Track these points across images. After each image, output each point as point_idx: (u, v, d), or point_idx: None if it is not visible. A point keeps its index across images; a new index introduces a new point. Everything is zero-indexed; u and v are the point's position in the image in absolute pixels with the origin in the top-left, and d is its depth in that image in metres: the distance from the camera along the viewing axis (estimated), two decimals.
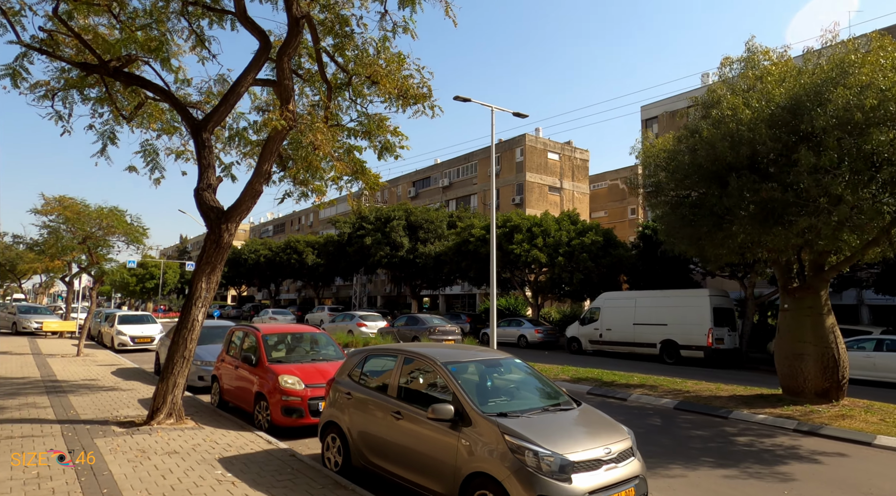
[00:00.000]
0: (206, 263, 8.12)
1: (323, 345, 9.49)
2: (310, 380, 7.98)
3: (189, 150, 10.94)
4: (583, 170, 46.87)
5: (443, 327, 20.77)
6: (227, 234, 8.14)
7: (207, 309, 8.27)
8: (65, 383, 11.43)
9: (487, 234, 27.75)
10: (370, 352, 6.29)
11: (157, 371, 13.89)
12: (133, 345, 20.01)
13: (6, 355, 16.67)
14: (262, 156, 8.13)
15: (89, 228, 17.07)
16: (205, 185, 8.32)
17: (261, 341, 8.77)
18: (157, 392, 7.87)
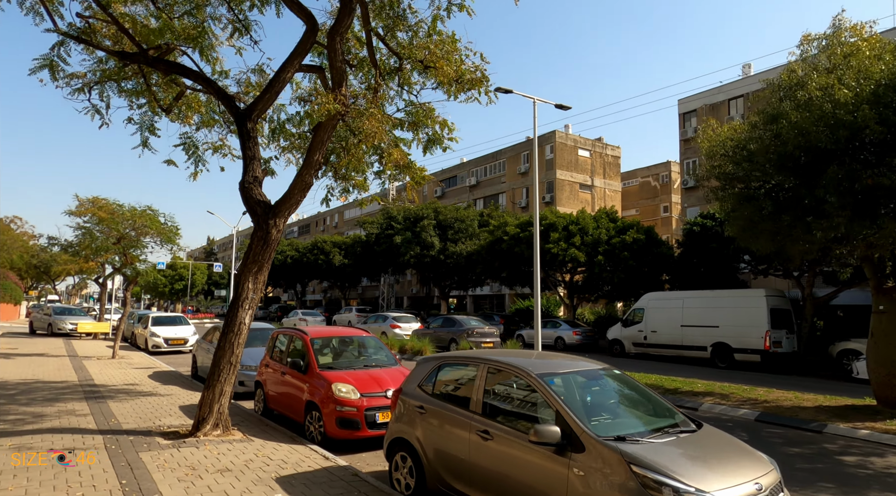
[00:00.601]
0: (253, 262, 7.54)
1: (373, 350, 8.84)
2: (365, 389, 7.33)
3: (227, 145, 10.46)
4: (614, 167, 45.64)
5: (481, 329, 20.03)
6: (275, 231, 7.55)
7: (255, 311, 7.69)
8: (103, 388, 11.03)
9: (522, 233, 26.96)
10: (443, 361, 5.58)
11: (194, 374, 13.48)
12: (167, 347, 19.76)
13: (43, 357, 16.50)
14: (313, 145, 7.52)
15: (123, 229, 16.82)
16: (251, 178, 7.75)
17: (309, 346, 8.16)
18: (203, 401, 7.31)
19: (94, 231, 20.27)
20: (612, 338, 22.67)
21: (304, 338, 8.38)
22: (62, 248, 24.48)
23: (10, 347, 19.32)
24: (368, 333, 9.20)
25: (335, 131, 10.46)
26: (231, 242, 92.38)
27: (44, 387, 10.99)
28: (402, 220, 34.00)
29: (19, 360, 15.42)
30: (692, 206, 32.17)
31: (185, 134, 9.80)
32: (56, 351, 18.67)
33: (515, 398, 4.79)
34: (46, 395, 9.97)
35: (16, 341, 22.03)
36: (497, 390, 4.93)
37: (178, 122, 9.80)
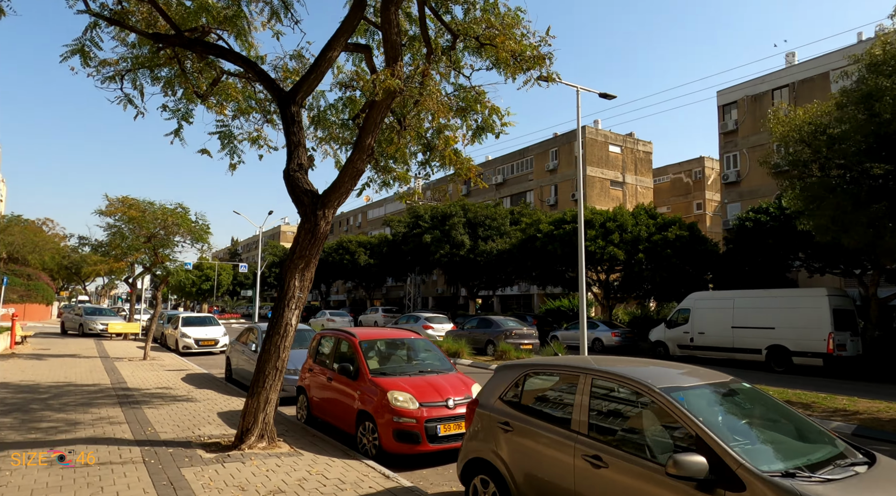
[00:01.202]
0: (300, 257, 6.87)
1: (427, 354, 8.11)
2: (424, 398, 6.60)
3: (263, 136, 9.88)
4: (646, 163, 44.29)
5: (519, 330, 19.19)
6: (323, 222, 6.87)
7: (301, 310, 7.03)
8: (136, 392, 10.53)
9: (556, 230, 26.04)
10: (530, 370, 4.80)
11: (228, 377, 12.95)
12: (197, 347, 19.39)
13: (75, 358, 16.21)
14: (365, 127, 6.82)
15: (153, 228, 16.45)
16: (296, 166, 7.09)
17: (358, 349, 7.47)
18: (247, 409, 6.66)
19: (124, 230, 20.06)
20: (655, 339, 21.60)
21: (352, 341, 7.69)
22: (92, 247, 24.39)
23: (42, 348, 19.16)
24: (419, 335, 8.47)
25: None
26: (255, 243, 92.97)
27: (77, 390, 10.54)
28: (429, 218, 33.32)
29: (52, 361, 15.13)
30: (733, 202, 30.82)
31: (220, 121, 9.25)
32: (88, 352, 18.42)
33: (631, 416, 3.99)
34: (80, 400, 9.49)
35: (48, 342, 21.95)
36: (605, 406, 4.13)
37: (213, 109, 9.24)
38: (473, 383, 7.25)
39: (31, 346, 19.43)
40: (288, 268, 6.91)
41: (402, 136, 10.64)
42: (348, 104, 9.77)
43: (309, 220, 6.85)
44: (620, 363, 4.51)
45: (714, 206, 47.31)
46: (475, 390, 7.09)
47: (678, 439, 3.56)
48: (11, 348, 18.38)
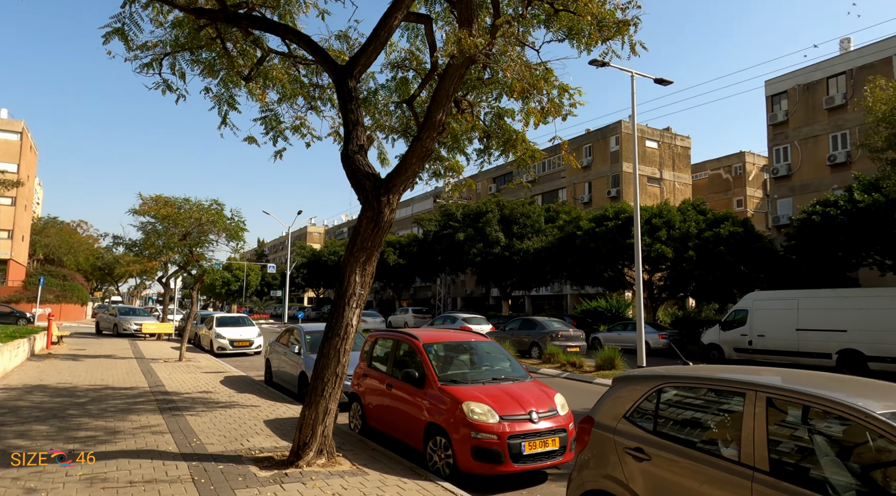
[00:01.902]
0: (361, 249, 6.09)
1: (497, 359, 7.25)
2: (505, 411, 5.75)
3: (307, 124, 9.19)
4: (684, 158, 42.67)
5: (565, 332, 18.18)
6: (387, 210, 6.08)
7: (363, 309, 6.26)
8: (176, 396, 9.93)
9: (598, 228, 24.94)
10: (666, 382, 3.88)
11: (268, 380, 12.31)
12: (232, 348, 18.92)
13: (111, 359, 15.84)
14: (435, 100, 6.00)
15: (188, 225, 15.99)
16: (355, 147, 6.32)
17: (423, 353, 6.65)
18: (304, 421, 5.90)
19: (158, 229, 19.75)
20: (708, 342, 20.31)
21: (416, 344, 6.88)
22: (126, 247, 24.27)
23: (78, 348, 18.94)
24: (484, 337, 7.61)
25: (417, 103, 9.02)
26: (281, 244, 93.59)
27: (115, 394, 9.99)
28: (461, 216, 32.49)
29: (88, 362, 14.77)
30: (783, 197, 29.21)
31: (265, 107, 8.60)
32: (123, 352, 18.10)
33: (831, 450, 3.05)
34: (119, 405, 8.91)
35: (83, 342, 21.81)
36: (788, 433, 3.21)
37: (256, 94, 8.59)
38: (556, 393, 6.37)
39: (67, 347, 19.23)
40: (347, 263, 6.14)
41: (460, 120, 9.83)
42: (400, 87, 9.03)
43: (371, 207, 6.06)
44: (797, 378, 3.57)
45: (756, 202, 45.37)
46: (559, 402, 6.21)
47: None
48: (48, 348, 18.18)
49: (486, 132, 9.58)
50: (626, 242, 23.23)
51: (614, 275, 27.65)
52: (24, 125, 45.11)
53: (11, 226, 43.58)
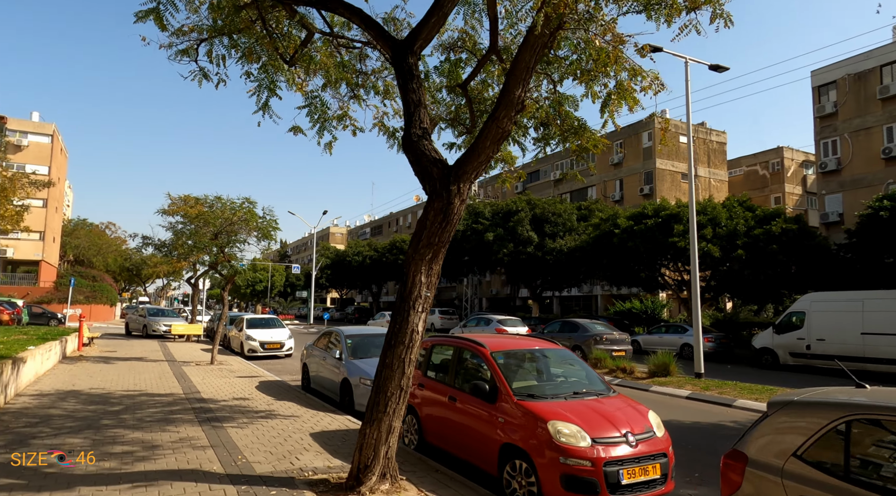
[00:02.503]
0: (427, 246, 5.37)
1: (570, 369, 6.48)
2: (596, 432, 4.97)
3: (350, 116, 8.57)
4: (720, 154, 41.21)
5: (610, 335, 17.24)
6: (458, 200, 5.35)
7: (428, 313, 5.54)
8: (213, 404, 9.36)
9: (636, 226, 23.91)
10: (857, 414, 3.01)
11: (305, 386, 11.71)
12: (262, 351, 18.44)
13: (142, 362, 15.46)
14: (514, 75, 5.24)
15: (220, 224, 15.53)
16: (419, 131, 5.61)
17: (493, 363, 5.91)
18: (365, 440, 5.20)
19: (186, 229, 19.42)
20: (760, 346, 19.16)
21: (482, 352, 6.14)
22: (156, 247, 24.04)
23: (109, 350, 18.68)
24: (556, 345, 6.83)
25: (470, 89, 8.32)
26: (304, 245, 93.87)
27: (150, 401, 9.47)
28: (489, 215, 31.68)
29: (120, 366, 14.39)
30: (832, 193, 27.73)
31: (308, 95, 7.97)
32: (153, 354, 17.76)
33: None
34: (155, 414, 8.36)
35: (114, 343, 21.62)
36: None
37: (298, 79, 7.97)
38: (649, 411, 5.57)
39: (98, 348, 19.00)
40: (411, 260, 5.42)
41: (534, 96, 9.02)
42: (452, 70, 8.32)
43: (440, 198, 5.34)
44: None
45: (795, 199, 43.61)
46: (654, 421, 5.41)
47: None
48: (79, 350, 17.95)
49: (543, 121, 8.83)
50: (668, 241, 22.18)
51: (651, 275, 26.56)
52: (55, 128, 45.74)
53: (43, 227, 44.19)
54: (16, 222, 20.66)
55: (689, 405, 10.97)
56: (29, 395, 9.53)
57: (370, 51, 8.59)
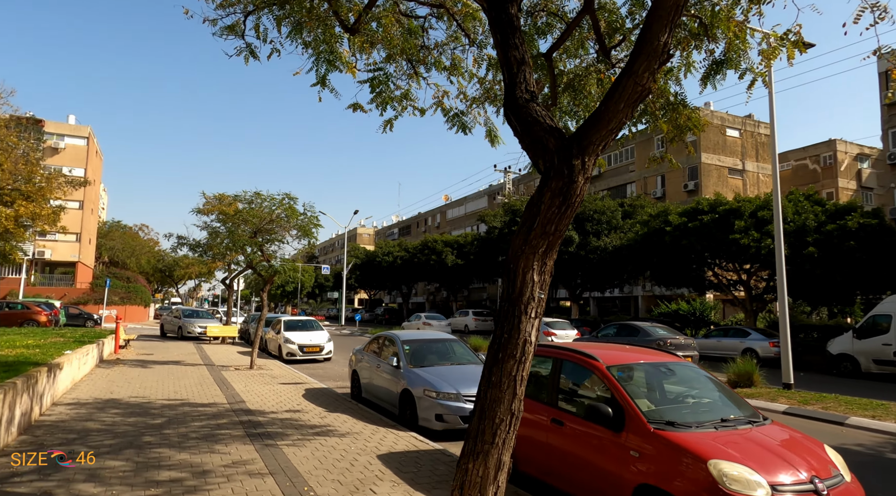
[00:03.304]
0: (542, 236, 4.29)
1: (703, 388, 5.33)
2: (773, 475, 3.85)
3: (412, 94, 7.64)
4: (768, 147, 39.03)
5: (674, 339, 15.92)
6: (581, 178, 4.25)
7: (542, 319, 4.48)
8: (262, 416, 8.49)
9: (690, 223, 22.44)
10: None
11: (355, 395, 10.79)
12: (301, 354, 17.67)
13: (180, 366, 14.80)
14: (657, 14, 4.11)
15: (260, 221, 14.78)
16: (525, 94, 4.54)
17: (614, 382, 4.82)
18: (468, 479, 4.16)
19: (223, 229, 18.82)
20: (837, 352, 17.53)
21: (596, 367, 5.05)
22: (190, 247, 23.59)
23: (145, 353, 18.17)
24: (679, 357, 5.70)
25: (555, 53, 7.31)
26: (331, 245, 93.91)
27: (193, 412, 8.65)
28: None
29: (158, 370, 13.74)
30: None
31: (374, 64, 7.05)
32: (190, 358, 17.15)
33: None
34: (200, 429, 7.51)
35: (150, 346, 21.18)
36: None
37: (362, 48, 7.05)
38: (823, 445, 4.40)
39: (134, 351, 18.52)
40: (520, 254, 4.35)
41: (603, 80, 8.08)
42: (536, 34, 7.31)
43: (559, 176, 4.25)
44: None
45: (849, 195, 41.14)
46: (836, 460, 4.24)
47: None
48: (116, 353, 17.47)
49: None
50: (728, 238, 20.66)
51: (702, 275, 25.01)
52: (91, 131, 46.26)
53: (79, 229, 44.68)
54: (52, 222, 20.43)
55: (794, 423, 9.65)
56: (65, 404, 8.82)
57: (435, 21, 7.65)
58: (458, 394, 7.97)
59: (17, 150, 18.65)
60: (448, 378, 8.41)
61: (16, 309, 24.80)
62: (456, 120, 8.16)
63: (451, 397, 7.94)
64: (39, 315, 24.31)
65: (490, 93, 8.27)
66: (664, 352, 5.75)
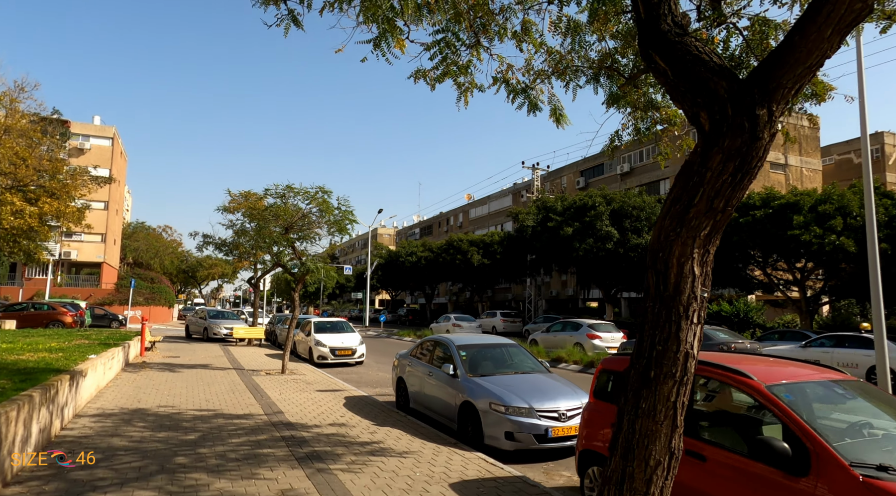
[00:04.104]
0: (706, 214, 3.22)
1: (880, 411, 4.15)
2: None
3: (475, 69, 6.69)
4: (812, 141, 37.28)
5: (739, 344, 14.62)
6: (766, 133, 3.17)
7: (704, 324, 3.39)
8: (305, 432, 7.52)
9: (741, 218, 21.01)
10: None
11: (400, 404, 9.79)
12: (333, 358, 16.77)
13: (209, 370, 14.00)
14: None
15: (292, 217, 13.90)
16: (673, 26, 3.47)
17: (787, 409, 3.69)
18: None
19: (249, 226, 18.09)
20: None
21: (755, 388, 3.91)
22: (216, 246, 22.95)
23: (171, 355, 17.46)
24: (846, 374, 4.53)
25: None
26: (352, 246, 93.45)
27: (228, 425, 7.73)
28: (561, 209, 29.23)
29: (186, 374, 12.93)
30: None
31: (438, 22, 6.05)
32: (218, 361, 16.37)
33: None
34: (239, 447, 6.57)
35: (176, 348, 20.52)
36: None
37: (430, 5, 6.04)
38: None
39: (160, 353, 17.83)
40: (676, 239, 3.27)
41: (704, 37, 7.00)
42: None
43: (735, 131, 3.16)
44: None
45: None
46: None
47: None
48: (142, 355, 16.78)
49: (738, 59, 6.62)
50: (786, 234, 19.23)
51: (746, 273, 23.54)
52: (115, 131, 46.27)
53: (104, 230, 44.67)
54: (77, 220, 19.91)
55: None
56: (89, 416, 7.97)
57: None
58: (531, 409, 6.91)
59: (40, 146, 18.14)
60: (516, 389, 7.35)
61: (42, 309, 24.43)
62: (523, 96, 7.12)
63: (523, 412, 6.88)
64: (65, 316, 23.88)
65: (559, 65, 7.20)
66: (819, 366, 4.59)
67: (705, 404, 4.33)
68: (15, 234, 17.43)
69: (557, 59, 7.14)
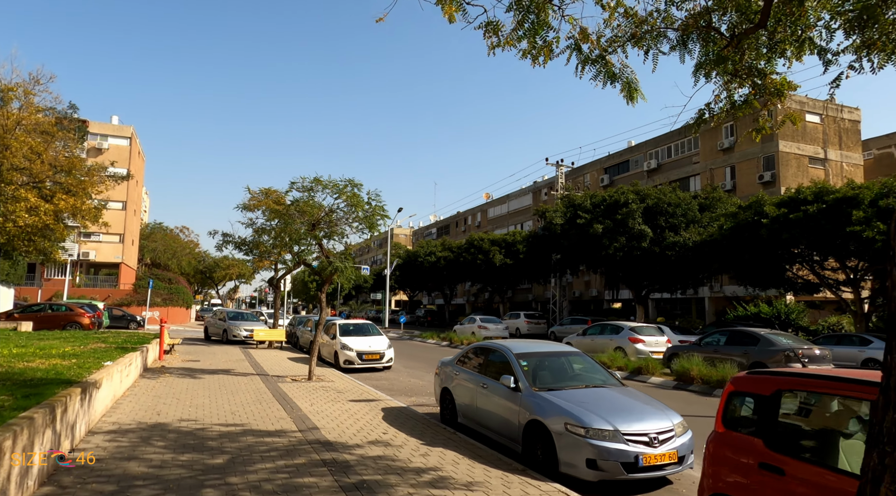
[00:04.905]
0: None
1: None
2: None
3: (549, 24, 5.77)
4: (853, 134, 35.58)
5: (807, 350, 13.32)
6: None
7: None
8: (346, 453, 6.54)
9: (791, 214, 19.68)
10: None
11: (445, 418, 8.78)
12: (360, 362, 15.83)
13: (231, 376, 13.13)
14: None
15: (320, 212, 12.97)
16: None
17: None
18: None
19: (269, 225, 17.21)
20: None
21: None
22: (235, 245, 22.14)
23: (191, 359, 16.67)
24: None
25: None
26: (368, 247, 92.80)
27: (259, 444, 6.78)
28: (591, 206, 28.02)
29: (207, 381, 12.07)
30: None
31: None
32: (240, 365, 15.53)
33: None
34: (274, 473, 5.60)
35: (195, 350, 19.77)
36: None
37: None
38: None
39: (179, 357, 17.06)
40: None
41: None
42: None
43: None
44: None
45: None
46: None
47: None
48: (161, 359, 16.02)
49: (855, 21, 5.54)
50: (844, 230, 17.88)
51: (794, 273, 22.16)
52: (133, 131, 46.00)
53: (122, 230, 44.40)
54: (94, 218, 19.28)
55: None
56: (104, 433, 7.08)
57: None
58: (616, 432, 5.84)
59: (56, 141, 17.50)
60: (592, 407, 6.29)
61: (59, 311, 23.89)
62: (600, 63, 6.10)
63: (607, 436, 5.82)
64: (83, 317, 23.31)
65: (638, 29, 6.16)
66: None
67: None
68: (30, 231, 16.84)
69: (636, 23, 6.08)
